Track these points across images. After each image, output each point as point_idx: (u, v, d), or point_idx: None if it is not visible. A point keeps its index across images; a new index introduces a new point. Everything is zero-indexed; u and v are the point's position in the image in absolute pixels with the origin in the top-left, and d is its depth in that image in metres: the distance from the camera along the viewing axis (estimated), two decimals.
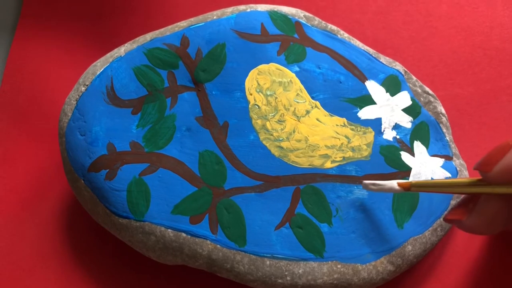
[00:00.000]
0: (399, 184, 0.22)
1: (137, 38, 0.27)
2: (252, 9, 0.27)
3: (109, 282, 0.27)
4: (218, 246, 0.23)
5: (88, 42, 0.33)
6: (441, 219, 0.25)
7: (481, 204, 0.20)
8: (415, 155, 0.25)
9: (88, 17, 0.33)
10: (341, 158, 0.25)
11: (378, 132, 0.26)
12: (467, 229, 0.21)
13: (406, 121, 0.26)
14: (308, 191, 0.24)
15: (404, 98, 0.26)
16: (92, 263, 0.28)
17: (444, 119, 0.27)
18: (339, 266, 0.23)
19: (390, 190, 0.22)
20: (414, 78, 0.27)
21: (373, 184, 0.23)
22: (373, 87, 0.26)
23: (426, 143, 0.26)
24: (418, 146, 0.26)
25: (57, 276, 0.28)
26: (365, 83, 0.26)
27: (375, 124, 0.26)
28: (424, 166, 0.25)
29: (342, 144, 0.25)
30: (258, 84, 0.25)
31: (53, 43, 0.33)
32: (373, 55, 0.27)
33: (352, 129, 0.25)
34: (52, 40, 0.33)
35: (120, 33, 0.33)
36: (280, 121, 0.25)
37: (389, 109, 0.26)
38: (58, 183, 0.29)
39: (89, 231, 0.28)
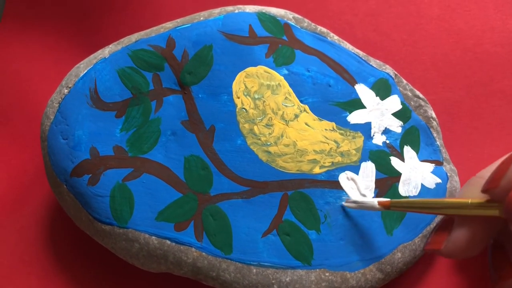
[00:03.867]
0: (379, 203, 0.22)
1: (122, 39, 0.27)
2: (240, 10, 0.26)
3: None
4: (204, 253, 0.23)
5: (73, 42, 0.32)
6: (430, 225, 0.24)
7: (455, 231, 0.20)
8: (405, 160, 0.25)
9: (73, 17, 0.32)
10: (330, 163, 0.24)
11: (368, 136, 0.25)
12: (447, 257, 0.21)
13: (396, 126, 0.25)
14: (296, 197, 0.24)
15: (394, 102, 0.26)
16: (75, 270, 0.27)
17: (434, 123, 0.26)
18: (327, 274, 0.23)
19: (371, 208, 0.22)
20: (405, 81, 0.27)
21: (354, 202, 0.23)
22: (363, 91, 0.26)
23: (416, 148, 0.25)
24: (408, 151, 0.25)
25: (39, 283, 0.27)
26: (355, 87, 0.26)
27: (365, 129, 0.25)
28: (414, 171, 0.25)
29: (331, 149, 0.24)
30: (246, 87, 0.25)
31: (37, 44, 0.32)
32: (363, 58, 0.27)
33: (341, 134, 0.25)
34: (36, 41, 0.32)
35: (106, 34, 0.32)
36: (268, 125, 0.25)
37: (379, 113, 0.25)
38: (41, 188, 0.29)
39: (72, 237, 0.28)
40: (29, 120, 0.30)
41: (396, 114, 0.26)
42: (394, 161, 0.25)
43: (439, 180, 0.25)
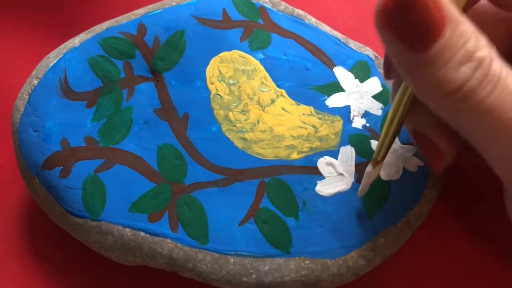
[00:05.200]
0: (371, 168, 0.21)
1: (92, 28, 0.26)
2: None
3: (72, 284, 0.26)
4: (179, 244, 0.22)
5: (48, 34, 0.31)
6: (414, 209, 0.24)
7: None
8: None
9: (48, 7, 0.32)
10: (308, 149, 0.24)
11: (347, 120, 0.24)
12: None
13: (376, 108, 0.25)
14: (273, 184, 0.23)
15: (374, 84, 0.25)
16: (54, 265, 0.26)
17: None
18: (307, 262, 0.22)
19: (371, 177, 0.22)
20: None
21: (364, 187, 0.22)
22: (341, 74, 0.25)
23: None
24: None
25: (18, 279, 0.26)
26: (333, 70, 0.25)
27: (344, 112, 0.24)
28: (396, 154, 0.24)
29: (309, 134, 0.24)
30: (220, 72, 0.24)
31: (10, 35, 0.31)
32: (342, 40, 0.26)
33: (319, 118, 0.24)
34: (9, 32, 0.31)
35: (82, 24, 0.31)
36: (243, 111, 0.24)
37: (358, 96, 0.25)
38: (16, 183, 0.28)
39: (49, 232, 0.27)
40: (2, 113, 0.29)
41: (376, 97, 0.25)
42: (375, 145, 0.24)
43: (421, 163, 0.24)
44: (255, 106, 0.24)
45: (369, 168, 0.22)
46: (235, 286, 0.22)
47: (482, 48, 0.15)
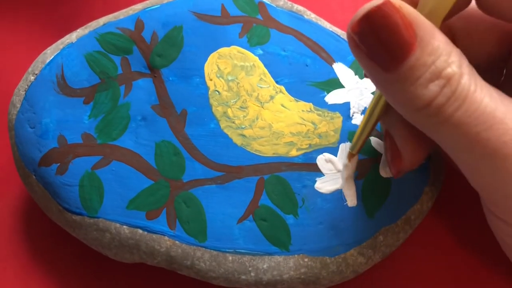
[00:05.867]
0: (347, 162, 0.22)
1: (89, 23, 0.26)
2: None
3: (70, 282, 0.26)
4: (177, 242, 0.22)
5: (46, 28, 0.31)
6: (414, 207, 0.23)
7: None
8: None
9: (45, 2, 0.31)
10: (307, 146, 0.23)
11: (347, 117, 0.24)
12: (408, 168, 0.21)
13: None
14: (272, 181, 0.23)
15: None
16: (51, 263, 0.26)
17: None
18: (306, 259, 0.22)
19: (348, 170, 0.23)
20: None
21: (347, 191, 0.23)
22: (341, 70, 0.25)
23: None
24: None
25: (15, 277, 0.26)
26: (333, 66, 0.25)
27: (343, 109, 0.24)
28: None
29: (308, 130, 0.24)
30: (219, 68, 0.24)
31: (7, 30, 0.31)
32: (342, 36, 0.26)
33: (319, 115, 0.24)
34: (6, 27, 0.31)
35: (80, 20, 0.31)
36: (242, 108, 0.24)
37: (358, 93, 0.24)
38: (12, 180, 0.28)
39: (46, 229, 0.27)
40: None
41: None
42: (374, 141, 0.24)
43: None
44: (254, 102, 0.24)
45: (345, 161, 0.22)
46: (233, 284, 0.22)
47: (452, 64, 0.15)
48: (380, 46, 0.15)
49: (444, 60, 0.15)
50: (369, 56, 0.15)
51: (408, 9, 0.15)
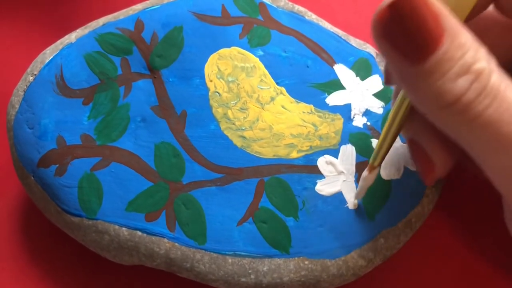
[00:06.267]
0: (367, 173, 0.21)
1: (89, 23, 0.25)
2: None
3: (68, 284, 0.26)
4: (177, 244, 0.22)
5: (45, 28, 0.31)
6: (415, 210, 0.23)
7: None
8: None
9: (44, 2, 0.31)
10: (308, 147, 0.23)
11: (348, 118, 0.24)
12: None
13: (378, 107, 0.24)
14: (272, 183, 0.23)
15: (375, 82, 0.25)
16: (49, 265, 0.26)
17: None
18: (306, 262, 0.22)
19: (367, 182, 0.21)
20: None
21: (360, 191, 0.22)
22: (342, 71, 0.25)
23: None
24: None
25: (12, 278, 0.26)
26: (334, 67, 0.25)
27: (344, 111, 0.24)
28: (397, 153, 0.24)
29: (309, 132, 0.23)
30: (219, 69, 0.24)
31: (6, 30, 0.31)
32: (343, 37, 0.26)
33: (319, 116, 0.24)
34: (5, 27, 0.31)
35: (80, 20, 0.31)
36: (242, 109, 0.23)
37: (359, 94, 0.24)
38: (12, 181, 0.27)
39: (45, 231, 0.27)
40: None
41: (378, 95, 0.25)
42: (376, 144, 0.24)
43: None
44: (254, 104, 0.24)
45: (365, 173, 0.21)
46: (233, 286, 0.22)
47: (481, 60, 0.15)
48: (407, 36, 0.14)
49: (473, 55, 0.14)
50: (395, 47, 0.15)
51: (433, 0, 0.14)
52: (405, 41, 0.14)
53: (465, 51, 0.14)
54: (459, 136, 0.16)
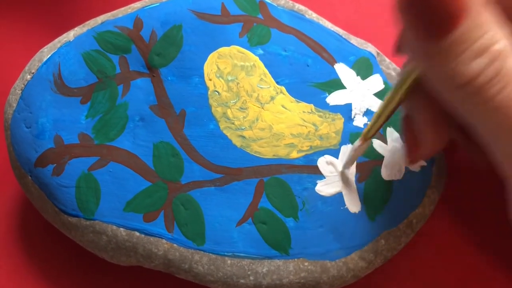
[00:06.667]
0: (360, 141, 0.21)
1: (87, 22, 0.25)
2: None
3: (65, 284, 0.25)
4: (175, 245, 0.22)
5: (44, 27, 0.31)
6: (416, 211, 0.23)
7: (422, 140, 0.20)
8: (388, 142, 0.24)
9: (43, 1, 0.31)
10: (308, 147, 0.23)
11: (348, 118, 0.24)
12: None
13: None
14: (272, 184, 0.22)
15: (376, 82, 0.24)
16: (46, 265, 0.26)
17: None
18: (306, 263, 0.22)
19: (358, 152, 0.21)
20: (388, 60, 0.26)
21: (350, 160, 0.22)
22: (343, 70, 0.24)
23: (400, 130, 0.24)
24: (391, 133, 0.24)
25: (9, 277, 0.26)
26: (334, 66, 0.24)
27: (345, 110, 0.24)
28: (398, 154, 0.23)
29: (309, 132, 0.23)
30: (218, 68, 0.24)
31: (4, 29, 0.30)
32: (343, 36, 0.25)
33: (320, 116, 0.23)
34: (4, 25, 0.30)
35: (77, 17, 0.31)
36: (242, 109, 0.23)
37: (360, 94, 0.24)
38: (9, 180, 0.27)
39: (42, 231, 0.26)
40: None
41: (378, 94, 0.24)
42: (376, 144, 0.23)
43: (424, 163, 0.24)
44: (254, 103, 0.23)
45: (357, 142, 0.21)
46: None
47: (499, 41, 0.14)
48: (428, 11, 0.14)
49: (492, 36, 0.14)
50: (416, 19, 0.15)
51: None
52: (427, 14, 0.14)
53: (485, 31, 0.14)
54: (471, 117, 0.16)
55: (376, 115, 0.20)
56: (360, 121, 0.24)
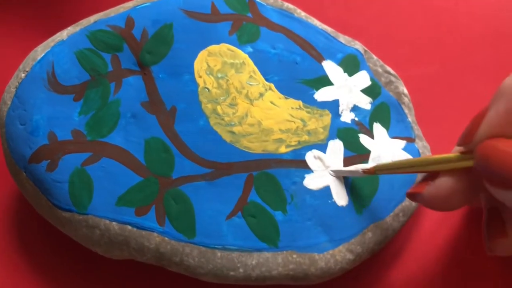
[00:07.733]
0: (363, 171, 0.21)
1: (80, 21, 0.26)
2: None
3: (60, 279, 0.26)
4: (166, 238, 0.22)
5: (37, 26, 0.31)
6: (403, 204, 0.24)
7: (439, 178, 0.19)
8: (375, 137, 0.24)
9: (37, 0, 0.31)
10: (296, 142, 0.24)
11: (336, 114, 0.24)
12: (425, 202, 0.20)
13: (365, 102, 0.25)
14: (261, 178, 0.23)
15: (363, 78, 0.25)
16: (41, 260, 0.26)
17: (406, 99, 0.26)
18: (294, 256, 0.22)
19: (354, 174, 0.22)
20: (375, 57, 0.26)
21: (339, 171, 0.23)
22: (330, 68, 0.25)
23: (386, 125, 0.25)
24: (377, 128, 0.24)
25: (7, 274, 0.26)
26: (322, 64, 0.25)
27: (333, 106, 0.24)
28: (384, 148, 0.24)
29: (297, 127, 0.24)
30: (208, 66, 0.24)
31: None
32: (331, 34, 0.26)
33: (308, 112, 0.24)
34: None
35: (70, 16, 0.31)
36: (231, 105, 0.24)
37: (347, 90, 0.25)
38: (3, 177, 0.28)
39: (37, 226, 0.27)
40: None
41: (365, 91, 0.25)
42: (363, 139, 0.24)
43: (410, 157, 0.24)
44: (243, 99, 0.24)
45: (360, 170, 0.21)
46: (222, 280, 0.22)
47: None
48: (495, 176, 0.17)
49: None
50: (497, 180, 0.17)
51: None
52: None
53: None
54: None
55: (398, 164, 0.20)
56: (347, 117, 0.24)
